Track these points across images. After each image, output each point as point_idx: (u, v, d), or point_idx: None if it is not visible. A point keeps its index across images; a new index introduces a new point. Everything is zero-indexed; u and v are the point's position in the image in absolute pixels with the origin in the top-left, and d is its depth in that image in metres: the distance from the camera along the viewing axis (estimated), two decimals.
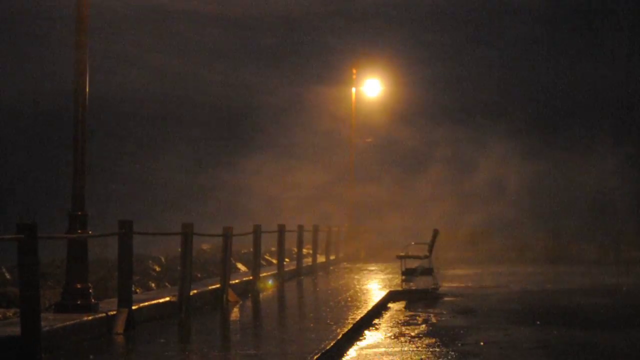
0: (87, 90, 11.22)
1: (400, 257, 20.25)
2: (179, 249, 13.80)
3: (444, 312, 15.16)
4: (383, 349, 10.72)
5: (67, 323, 9.78)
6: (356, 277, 23.11)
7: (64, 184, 12.51)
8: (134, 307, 11.23)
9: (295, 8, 57.50)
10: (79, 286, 10.83)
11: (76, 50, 11.19)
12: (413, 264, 20.12)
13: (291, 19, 58.78)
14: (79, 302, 10.74)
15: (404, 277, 19.72)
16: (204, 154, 57.01)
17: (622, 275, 25.66)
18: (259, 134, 57.76)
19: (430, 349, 10.68)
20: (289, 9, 57.46)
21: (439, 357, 10.06)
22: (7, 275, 15.25)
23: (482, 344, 11.16)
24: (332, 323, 12.00)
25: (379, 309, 15.25)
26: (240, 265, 21.77)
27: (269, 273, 20.05)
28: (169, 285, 15.92)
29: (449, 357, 10.07)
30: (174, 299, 13.00)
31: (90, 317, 10.37)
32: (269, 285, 19.61)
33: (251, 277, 17.83)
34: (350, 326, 11.69)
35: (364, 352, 10.55)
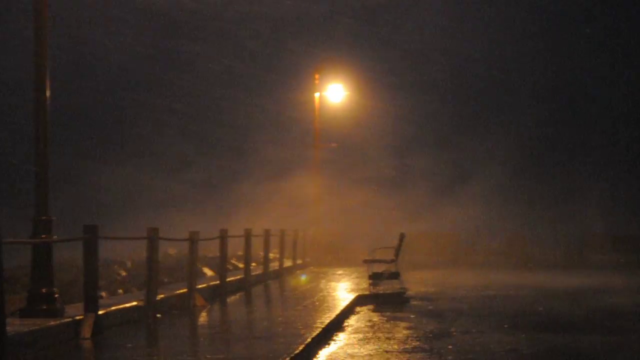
0: (48, 93, 11.11)
1: (367, 261, 20.26)
2: (145, 254, 13.70)
3: (412, 316, 15.16)
4: (351, 353, 10.69)
5: (33, 328, 9.66)
6: (323, 281, 23.07)
7: (28, 187, 12.39)
8: (100, 312, 11.12)
9: (259, 11, 57.49)
10: (44, 291, 10.71)
11: (35, 57, 11.08)
12: (380, 268, 20.13)
13: (256, 21, 58.76)
14: (44, 307, 10.63)
15: (371, 281, 19.73)
16: (170, 157, 56.81)
17: (587, 280, 25.82)
18: (223, 137, 57.66)
19: (398, 353, 10.66)
20: (252, 12, 57.43)
21: None
22: None
23: (450, 347, 11.16)
24: (301, 327, 11.96)
25: (347, 313, 15.22)
26: (206, 270, 21.68)
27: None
28: (135, 290, 15.80)
29: None
30: (141, 303, 12.90)
31: (56, 322, 10.25)
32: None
33: (218, 282, 17.75)
34: (319, 330, 11.65)
35: (333, 356, 10.51)
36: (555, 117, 59.15)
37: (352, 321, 14.34)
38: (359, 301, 17.58)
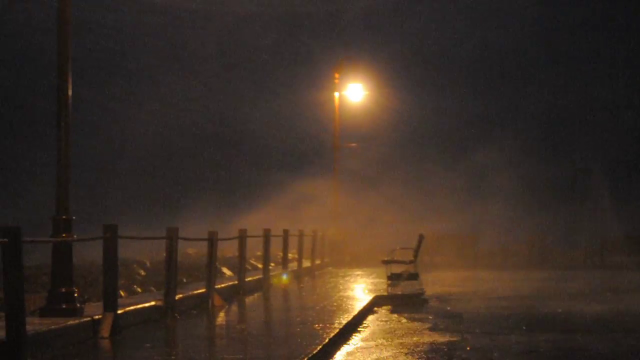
0: (71, 92, 11.18)
1: (385, 262, 20.24)
2: (164, 253, 13.74)
3: (430, 317, 15.14)
4: (369, 353, 10.69)
5: (52, 327, 9.71)
6: (342, 281, 23.08)
7: (50, 187, 12.46)
8: (119, 312, 11.16)
9: (276, 9, 57.48)
10: (64, 290, 10.77)
11: (59, 56, 11.15)
12: (398, 268, 20.10)
13: (274, 20, 58.76)
14: (64, 307, 10.68)
15: (389, 281, 19.70)
16: (187, 159, 56.92)
17: (607, 280, 25.72)
18: (241, 137, 57.70)
19: (416, 354, 10.66)
20: (269, 10, 57.43)
21: None
22: None
23: (468, 348, 11.15)
24: (319, 327, 11.97)
25: (365, 314, 15.22)
26: (225, 270, 21.72)
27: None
28: (154, 290, 15.86)
29: None
30: (159, 303, 12.94)
31: (75, 322, 10.30)
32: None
33: (237, 282, 17.78)
34: (336, 331, 11.65)
35: (350, 356, 10.52)
36: (569, 116, 58.94)
37: (370, 322, 14.34)
38: (377, 302, 17.57)
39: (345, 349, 11.06)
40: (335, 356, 10.49)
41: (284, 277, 22.53)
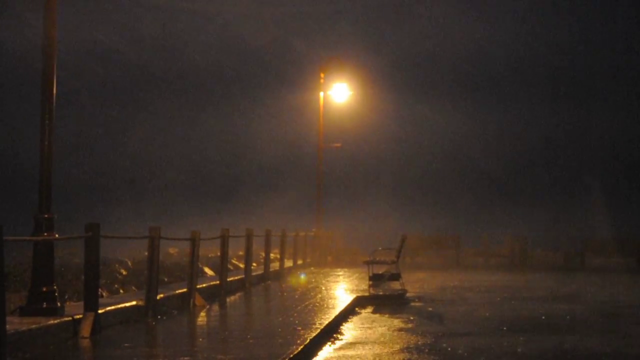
0: (55, 89, 11.17)
1: (367, 263, 20.26)
2: (146, 253, 13.72)
3: (411, 318, 15.17)
4: (350, 354, 10.71)
5: (33, 327, 9.69)
6: (323, 281, 23.09)
7: (31, 186, 12.43)
8: (100, 311, 11.14)
9: (262, 9, 57.43)
10: (44, 289, 10.75)
11: (43, 55, 11.15)
12: (380, 269, 20.13)
13: (258, 19, 58.72)
14: (44, 306, 10.66)
15: (371, 282, 19.72)
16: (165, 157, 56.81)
17: (587, 282, 25.84)
18: (225, 137, 57.59)
19: (397, 354, 10.68)
20: (255, 10, 57.37)
21: None
22: None
23: (449, 349, 11.18)
24: (300, 328, 11.98)
25: (347, 314, 15.24)
26: (207, 270, 21.71)
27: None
28: (135, 289, 15.84)
29: None
30: (140, 302, 12.92)
31: (56, 321, 10.28)
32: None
33: (218, 282, 17.77)
34: (317, 331, 11.67)
35: (331, 357, 10.53)
36: (557, 117, 59.14)
37: (351, 322, 14.36)
38: (358, 302, 17.59)
39: (326, 350, 11.07)
40: (316, 356, 10.50)
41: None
